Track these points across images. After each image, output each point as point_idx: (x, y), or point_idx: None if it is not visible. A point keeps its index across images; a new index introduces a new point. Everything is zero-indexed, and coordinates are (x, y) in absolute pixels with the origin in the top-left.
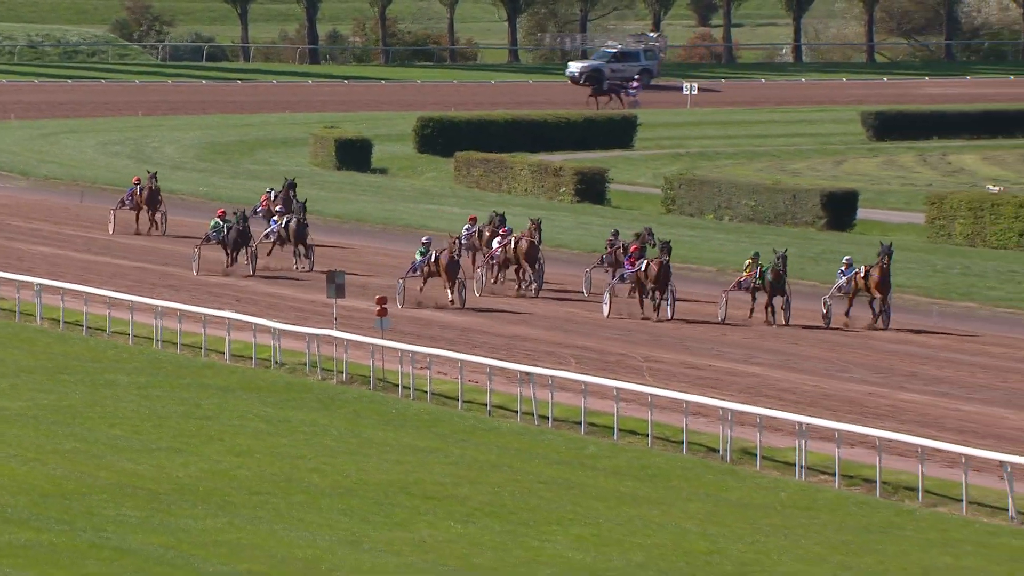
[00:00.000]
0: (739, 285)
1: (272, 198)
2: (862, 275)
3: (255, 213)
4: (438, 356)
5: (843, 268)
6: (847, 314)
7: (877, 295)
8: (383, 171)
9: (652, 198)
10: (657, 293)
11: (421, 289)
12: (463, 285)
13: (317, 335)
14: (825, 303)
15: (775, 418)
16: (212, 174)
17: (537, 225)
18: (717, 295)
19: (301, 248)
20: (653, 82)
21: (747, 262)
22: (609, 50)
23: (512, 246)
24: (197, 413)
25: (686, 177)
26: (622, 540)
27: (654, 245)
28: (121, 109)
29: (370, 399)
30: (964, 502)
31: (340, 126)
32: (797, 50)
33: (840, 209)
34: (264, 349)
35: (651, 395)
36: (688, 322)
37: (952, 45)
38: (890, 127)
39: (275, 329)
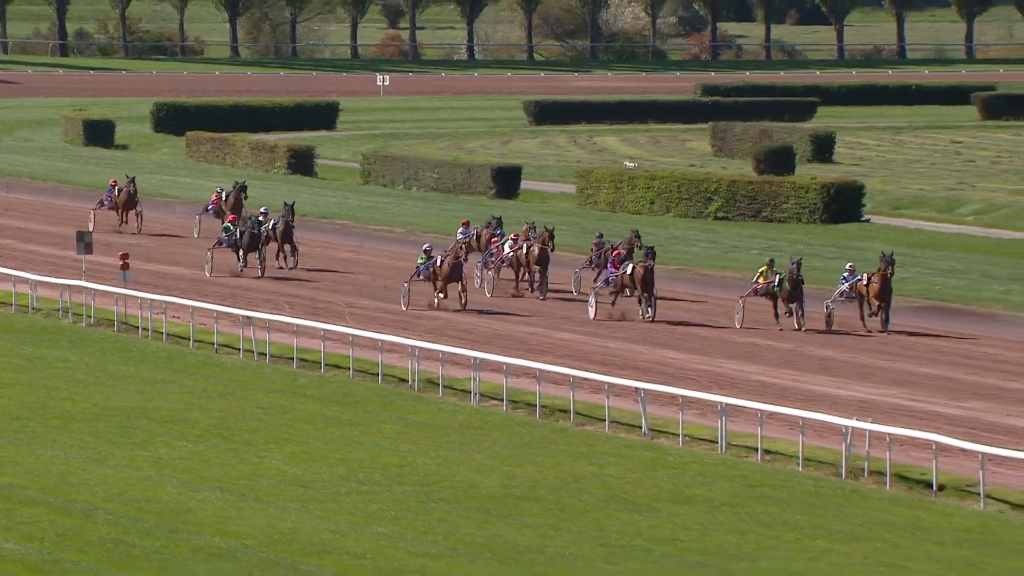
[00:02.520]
0: (756, 291)
1: (224, 198)
2: (864, 282)
3: (206, 211)
4: (172, 303)
5: (845, 275)
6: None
7: (875, 302)
8: (125, 147)
9: (352, 171)
10: (644, 296)
11: (445, 295)
12: (465, 288)
13: (69, 285)
14: (827, 307)
15: (455, 354)
16: None
17: (551, 233)
18: (402, 252)
19: (287, 247)
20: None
21: (762, 269)
22: None
23: (524, 251)
24: None
25: (380, 154)
26: (328, 456)
27: (640, 247)
28: None
29: (115, 339)
30: (607, 421)
31: (87, 109)
32: (471, 50)
33: (507, 181)
34: (23, 297)
35: (352, 335)
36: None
37: (596, 47)
38: (547, 114)
39: (32, 280)
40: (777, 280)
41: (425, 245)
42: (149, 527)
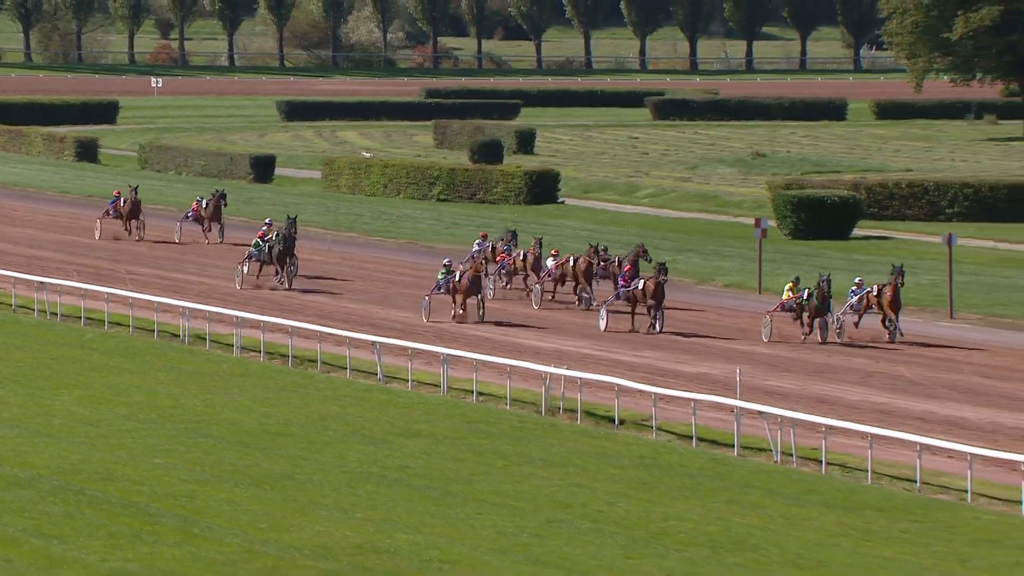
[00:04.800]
0: (783, 307)
1: (204, 206)
2: (875, 294)
3: (186, 218)
4: None
5: (854, 288)
6: (856, 325)
7: (890, 313)
8: None
9: (131, 159)
10: (653, 310)
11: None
12: (483, 301)
13: None
14: (838, 319)
15: (220, 313)
16: None
17: (595, 249)
18: (171, 227)
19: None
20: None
21: (788, 285)
22: None
23: (571, 264)
24: None
25: (155, 144)
26: (111, 399)
27: (649, 261)
28: None
29: None
30: (348, 369)
31: None
32: (231, 57)
33: (263, 168)
34: None
35: (132, 298)
36: (156, 242)
37: (337, 56)
38: (296, 112)
39: None
40: (806, 295)
41: (445, 260)
42: None
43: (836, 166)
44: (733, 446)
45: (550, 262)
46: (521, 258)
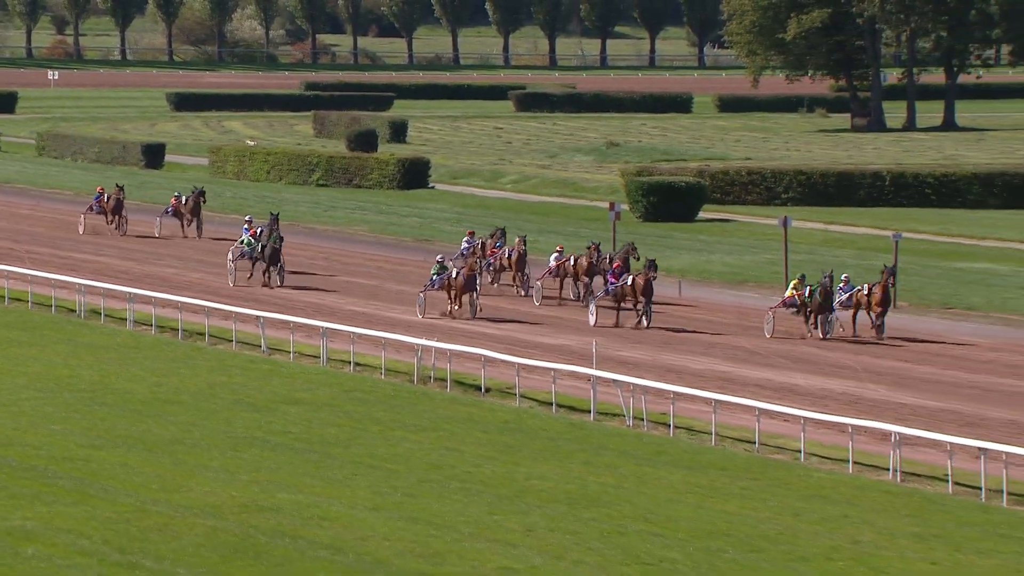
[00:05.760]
0: (785, 304)
1: (184, 201)
2: (865, 292)
3: (166, 213)
4: None
5: (841, 285)
6: (844, 327)
7: (876, 310)
8: None
9: (30, 146)
10: (641, 305)
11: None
12: (478, 297)
13: None
14: (829, 317)
15: (114, 290)
16: None
17: (596, 247)
18: (71, 210)
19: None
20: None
21: (793, 283)
22: None
23: (572, 263)
24: None
25: (52, 133)
26: (11, 370)
27: (638, 259)
28: None
29: None
30: (234, 342)
31: None
32: (124, 52)
33: (154, 155)
34: None
35: (32, 276)
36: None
37: (222, 51)
38: (185, 103)
39: None
40: (808, 292)
41: (439, 256)
42: None
43: (683, 155)
44: (590, 412)
45: (552, 259)
46: (506, 256)
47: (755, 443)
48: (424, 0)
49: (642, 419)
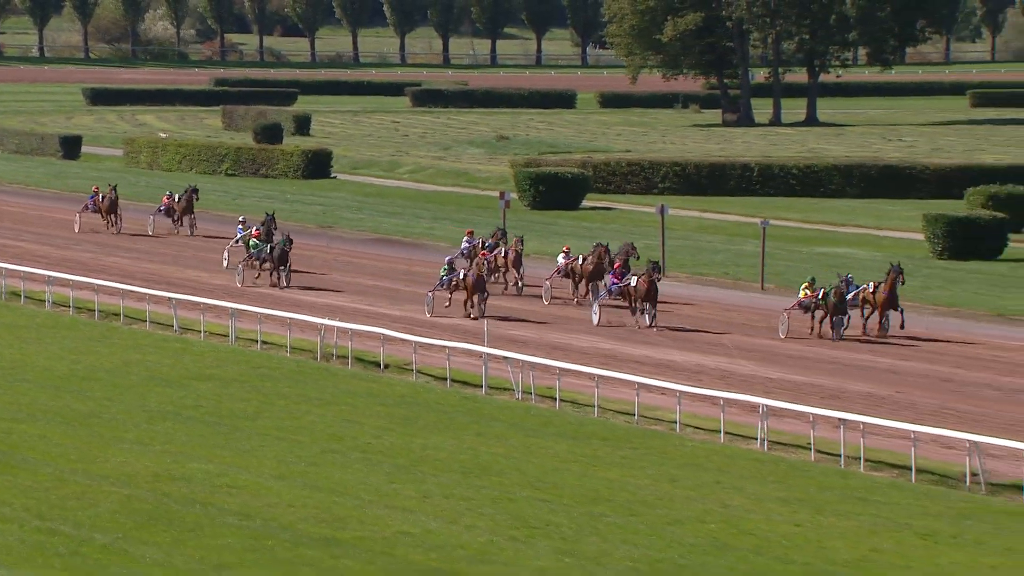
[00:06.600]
0: (799, 305)
1: (176, 200)
2: (871, 290)
3: (159, 211)
4: None
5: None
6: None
7: (880, 308)
8: None
9: None
10: (646, 305)
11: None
12: (487, 296)
13: None
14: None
15: (33, 272)
16: None
17: (605, 249)
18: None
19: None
20: None
21: (804, 285)
22: None
23: (580, 263)
24: None
25: None
26: None
27: (638, 258)
28: None
29: None
30: (148, 322)
31: None
32: (41, 49)
33: (71, 146)
34: None
35: None
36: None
37: (136, 49)
38: (100, 98)
39: None
40: (822, 294)
41: (447, 257)
42: None
43: (568, 147)
44: (482, 386)
45: (561, 259)
46: (503, 255)
47: (635, 415)
48: (326, 2)
49: (530, 393)
